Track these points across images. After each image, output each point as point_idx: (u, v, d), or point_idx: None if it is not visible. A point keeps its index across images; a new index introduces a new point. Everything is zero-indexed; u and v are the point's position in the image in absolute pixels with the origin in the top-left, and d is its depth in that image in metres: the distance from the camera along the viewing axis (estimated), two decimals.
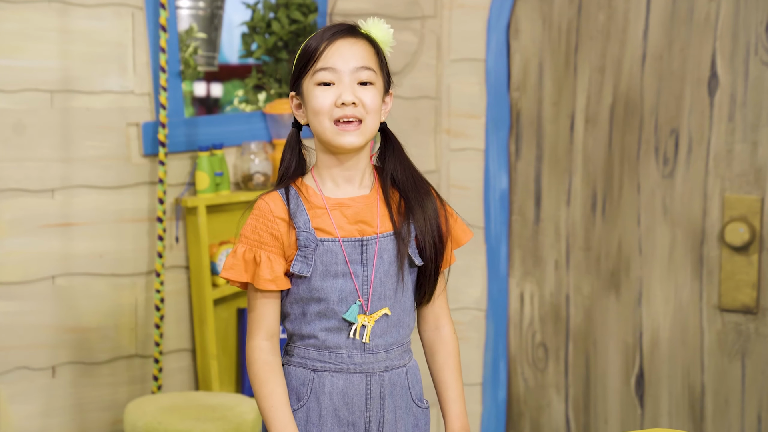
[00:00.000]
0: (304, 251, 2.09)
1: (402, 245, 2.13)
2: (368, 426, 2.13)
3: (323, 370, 2.11)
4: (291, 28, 3.51)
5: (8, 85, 3.04)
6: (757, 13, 3.26)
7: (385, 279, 2.12)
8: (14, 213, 3.07)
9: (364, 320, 2.11)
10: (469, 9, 3.68)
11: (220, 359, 3.43)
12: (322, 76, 2.09)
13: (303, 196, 2.13)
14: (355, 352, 2.12)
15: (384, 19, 2.20)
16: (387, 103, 2.18)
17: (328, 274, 2.10)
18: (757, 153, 3.28)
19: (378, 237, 2.13)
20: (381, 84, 2.14)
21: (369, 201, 2.15)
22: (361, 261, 2.11)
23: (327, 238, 2.10)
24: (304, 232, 2.09)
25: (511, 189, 3.70)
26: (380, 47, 2.16)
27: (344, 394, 2.11)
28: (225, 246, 3.38)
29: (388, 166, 2.18)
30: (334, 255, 2.10)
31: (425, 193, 2.18)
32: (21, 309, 3.09)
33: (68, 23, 3.12)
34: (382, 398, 2.13)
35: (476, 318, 3.75)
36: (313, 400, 2.11)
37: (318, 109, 2.10)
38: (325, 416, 2.11)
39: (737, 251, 3.32)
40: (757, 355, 3.33)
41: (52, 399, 3.15)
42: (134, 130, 3.25)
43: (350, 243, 2.11)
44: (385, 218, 2.14)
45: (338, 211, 2.12)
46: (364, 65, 2.10)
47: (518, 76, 3.67)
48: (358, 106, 2.09)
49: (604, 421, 3.59)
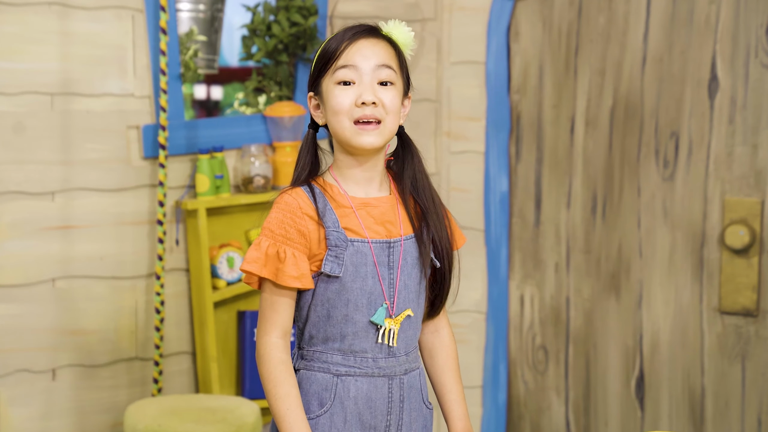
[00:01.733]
0: (335, 251, 2.06)
1: (423, 248, 2.12)
2: (388, 429, 2.12)
3: (347, 375, 2.08)
4: (291, 31, 3.51)
5: (8, 87, 3.04)
6: (757, 15, 3.26)
7: (408, 281, 2.11)
8: (14, 215, 3.07)
9: (391, 324, 2.09)
10: (470, 12, 3.68)
11: (221, 362, 3.43)
12: (343, 74, 2.07)
13: (328, 194, 2.09)
14: (380, 355, 2.10)
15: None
16: (405, 107, 2.16)
17: (357, 276, 2.07)
18: (757, 156, 3.28)
19: (402, 239, 2.12)
20: (401, 85, 2.12)
21: (391, 202, 2.14)
22: (387, 263, 2.09)
23: (356, 238, 2.07)
24: (334, 232, 2.06)
25: (512, 191, 3.70)
26: (400, 49, 2.14)
27: (368, 398, 2.09)
28: (225, 249, 3.38)
29: (407, 173, 2.16)
30: (363, 256, 2.07)
31: (438, 200, 2.17)
32: (21, 312, 3.09)
33: (68, 26, 3.12)
34: (402, 401, 2.13)
35: (476, 321, 3.75)
36: (337, 405, 2.08)
37: (338, 108, 2.07)
38: (350, 421, 2.08)
39: (737, 254, 3.32)
40: (757, 357, 3.33)
41: (52, 402, 3.15)
42: (134, 132, 3.25)
43: (378, 244, 2.09)
44: (406, 221, 2.14)
45: (364, 211, 2.10)
46: (385, 63, 2.09)
47: (518, 78, 3.67)
48: (378, 107, 2.07)
49: (604, 424, 3.59)
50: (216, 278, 3.37)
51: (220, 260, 3.36)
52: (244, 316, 3.45)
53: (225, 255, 3.37)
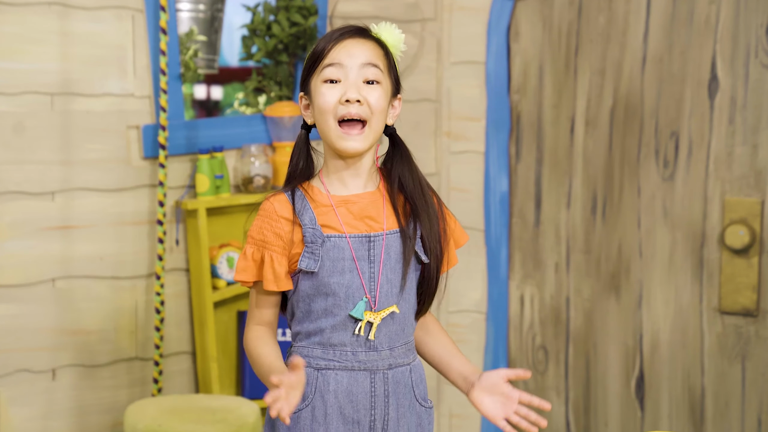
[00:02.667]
0: (311, 247, 2.10)
1: (408, 243, 2.14)
2: (373, 424, 2.13)
3: (327, 369, 2.12)
4: (291, 31, 3.51)
5: (8, 87, 3.04)
6: (758, 15, 3.26)
7: (391, 276, 2.13)
8: (14, 216, 3.07)
9: (371, 317, 2.11)
10: (470, 11, 3.68)
11: (221, 362, 3.43)
12: (329, 72, 2.11)
13: (309, 196, 2.14)
14: (359, 349, 2.12)
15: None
16: (395, 107, 2.19)
17: (335, 270, 2.10)
18: (757, 155, 3.28)
19: (384, 234, 2.13)
20: (388, 85, 2.15)
21: (375, 197, 2.16)
22: (368, 257, 2.12)
23: (333, 234, 2.10)
24: (310, 229, 2.10)
25: (512, 192, 3.70)
26: (389, 50, 2.16)
27: (349, 392, 2.12)
28: (225, 249, 3.38)
29: (395, 171, 2.19)
30: (341, 251, 2.10)
31: (430, 199, 2.19)
32: (21, 312, 3.09)
33: (68, 26, 3.12)
34: (387, 396, 2.14)
35: (476, 321, 3.75)
36: (318, 398, 2.11)
37: (324, 107, 2.11)
38: (331, 414, 2.11)
39: (737, 254, 3.32)
40: (757, 357, 3.33)
41: (52, 402, 3.15)
42: (134, 132, 3.25)
43: (357, 239, 2.11)
44: (391, 216, 2.15)
45: (344, 208, 2.13)
46: (371, 62, 2.11)
47: (518, 78, 3.67)
48: (363, 105, 2.10)
49: (604, 424, 3.59)
50: (216, 278, 3.37)
51: (220, 260, 3.36)
52: (244, 316, 3.45)
53: (225, 255, 3.37)
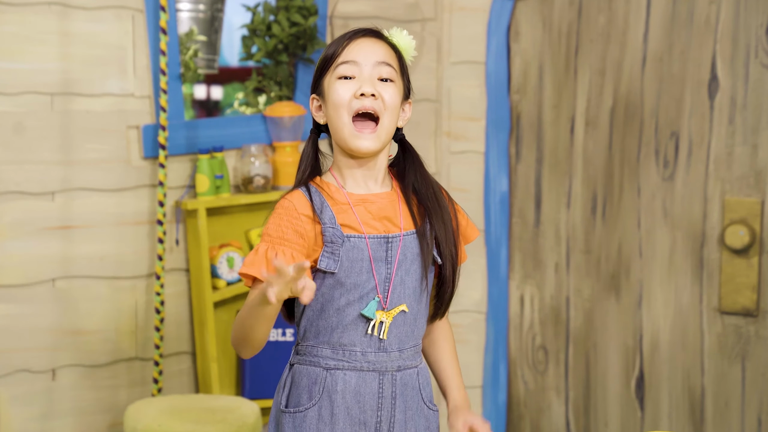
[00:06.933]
0: (330, 247, 2.08)
1: (425, 244, 2.14)
2: (379, 425, 2.13)
3: (336, 369, 2.11)
4: (291, 31, 3.51)
5: (8, 87, 3.04)
6: (757, 15, 3.26)
7: (406, 277, 2.13)
8: (14, 215, 3.07)
9: (383, 316, 2.11)
10: (470, 12, 3.68)
11: (221, 362, 3.43)
12: (343, 69, 2.11)
13: (325, 192, 2.12)
14: (369, 350, 2.11)
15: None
16: (405, 111, 2.19)
17: (352, 271, 2.09)
18: (757, 155, 3.28)
19: (402, 235, 2.13)
20: (401, 86, 2.16)
21: (391, 198, 2.16)
22: (385, 258, 2.11)
23: (353, 234, 2.09)
24: (330, 228, 2.09)
25: (512, 192, 3.70)
26: (401, 54, 2.18)
27: (357, 392, 2.11)
28: (225, 249, 3.38)
29: (408, 178, 2.19)
30: (360, 251, 2.09)
31: (444, 202, 2.20)
32: (21, 312, 3.09)
33: (68, 26, 3.12)
34: (394, 398, 2.13)
35: (476, 321, 3.75)
36: (325, 398, 2.11)
37: (338, 101, 2.10)
38: (338, 415, 2.10)
39: (737, 254, 3.32)
40: (757, 357, 3.33)
41: (52, 402, 3.15)
42: (134, 132, 3.25)
43: (375, 240, 2.10)
44: (407, 217, 2.15)
45: (362, 207, 2.12)
46: (385, 61, 2.13)
47: (518, 78, 3.67)
48: (378, 99, 2.10)
49: (604, 424, 3.59)
50: (216, 278, 3.37)
51: (220, 260, 3.36)
52: None
53: (225, 255, 3.37)
